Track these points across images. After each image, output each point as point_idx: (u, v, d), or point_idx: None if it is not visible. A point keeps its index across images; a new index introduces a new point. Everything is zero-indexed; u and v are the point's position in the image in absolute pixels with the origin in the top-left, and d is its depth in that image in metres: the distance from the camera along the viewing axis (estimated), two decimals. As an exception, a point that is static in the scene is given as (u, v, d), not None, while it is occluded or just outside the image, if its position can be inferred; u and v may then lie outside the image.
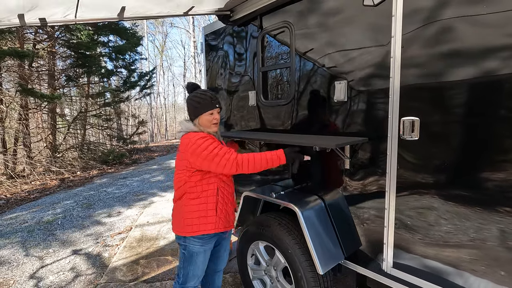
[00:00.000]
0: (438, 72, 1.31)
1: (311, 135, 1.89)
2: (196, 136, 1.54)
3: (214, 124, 1.65)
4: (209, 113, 1.62)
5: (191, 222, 1.62)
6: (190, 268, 1.68)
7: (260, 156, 1.53)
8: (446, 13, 1.26)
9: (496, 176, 1.19)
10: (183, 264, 1.71)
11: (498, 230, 1.20)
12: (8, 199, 5.57)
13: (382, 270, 1.60)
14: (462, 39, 1.23)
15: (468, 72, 1.23)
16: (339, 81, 1.71)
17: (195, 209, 1.61)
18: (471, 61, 1.22)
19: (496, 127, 1.18)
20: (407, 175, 1.45)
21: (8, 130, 7.29)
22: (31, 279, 2.84)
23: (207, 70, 2.90)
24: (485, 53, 1.18)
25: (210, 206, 1.61)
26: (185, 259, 1.69)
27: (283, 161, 1.56)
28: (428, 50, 1.32)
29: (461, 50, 1.24)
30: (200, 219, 1.61)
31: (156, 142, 18.24)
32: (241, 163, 1.50)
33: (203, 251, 1.67)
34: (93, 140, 10.56)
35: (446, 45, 1.28)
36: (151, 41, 24.29)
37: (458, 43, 1.24)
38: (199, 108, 1.62)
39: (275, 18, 2.08)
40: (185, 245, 1.66)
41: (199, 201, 1.60)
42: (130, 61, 10.58)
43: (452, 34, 1.25)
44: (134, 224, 4.18)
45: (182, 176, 1.60)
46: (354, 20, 1.61)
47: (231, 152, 1.52)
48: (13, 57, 6.51)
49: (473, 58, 1.21)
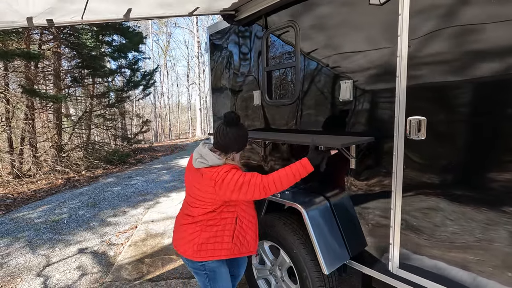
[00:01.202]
0: (445, 71, 1.30)
1: (316, 134, 1.88)
2: (223, 169, 1.48)
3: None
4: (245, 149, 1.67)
5: (206, 247, 1.56)
6: (217, 285, 1.63)
7: (285, 172, 1.46)
8: (454, 11, 1.25)
9: (503, 176, 1.18)
10: (208, 285, 1.63)
11: (505, 231, 1.19)
12: (15, 198, 5.64)
13: (388, 271, 1.59)
14: (469, 38, 1.22)
15: (475, 71, 1.21)
16: (345, 80, 1.70)
17: (212, 235, 1.56)
18: (478, 59, 1.20)
19: (503, 126, 1.17)
20: (413, 175, 1.44)
21: (14, 130, 7.38)
22: (37, 277, 2.87)
23: (211, 70, 2.91)
24: (493, 52, 1.16)
25: (227, 233, 1.57)
26: (210, 279, 1.62)
27: (310, 169, 1.47)
28: (435, 49, 1.31)
29: (468, 49, 1.23)
30: (216, 245, 1.56)
31: (160, 142, 18.33)
32: (268, 185, 1.44)
33: (222, 263, 1.64)
34: (98, 139, 10.63)
35: (453, 44, 1.26)
36: (155, 41, 24.42)
37: (465, 42, 1.23)
38: (243, 146, 1.62)
39: (280, 18, 2.08)
40: (203, 266, 1.60)
41: (217, 228, 1.57)
42: (133, 61, 10.64)
43: (460, 33, 1.24)
44: (139, 223, 4.20)
45: (207, 207, 1.55)
46: (360, 19, 1.60)
47: (256, 176, 1.46)
48: (22, 58, 6.57)
49: (481, 56, 1.20)
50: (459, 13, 1.24)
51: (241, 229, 1.62)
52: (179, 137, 23.91)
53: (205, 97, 19.79)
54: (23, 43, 7.13)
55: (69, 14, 1.84)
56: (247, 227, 1.65)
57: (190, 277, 2.74)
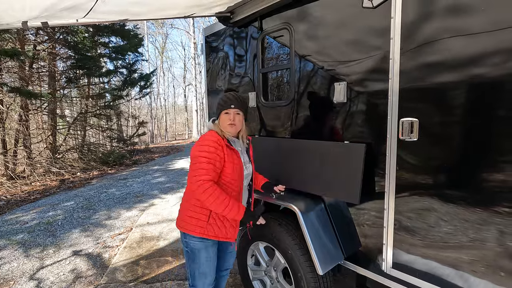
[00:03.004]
0: (437, 73, 1.32)
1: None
2: (204, 141, 1.55)
3: (229, 125, 1.62)
4: (224, 112, 1.63)
5: (181, 218, 1.65)
6: (195, 267, 1.66)
7: (225, 198, 1.47)
8: (445, 14, 1.27)
9: (496, 177, 1.20)
10: (187, 263, 1.69)
11: (497, 231, 1.21)
12: (8, 200, 5.58)
13: (381, 271, 1.60)
14: (461, 41, 1.24)
15: (468, 73, 1.23)
16: (339, 82, 1.72)
17: (190, 208, 1.61)
18: (470, 62, 1.22)
19: (495, 127, 1.19)
20: (407, 176, 1.45)
21: (8, 131, 7.30)
22: (31, 280, 2.84)
23: (207, 71, 2.91)
24: (485, 54, 1.19)
25: (204, 212, 1.59)
26: (188, 256, 1.67)
27: (239, 217, 1.51)
28: (427, 51, 1.33)
29: (460, 51, 1.25)
30: (192, 220, 1.60)
31: (156, 143, 18.24)
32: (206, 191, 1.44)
33: (204, 247, 1.63)
34: (93, 141, 10.56)
35: (445, 46, 1.28)
36: (151, 42, 24.36)
37: (457, 44, 1.25)
38: (219, 108, 1.65)
39: (275, 20, 2.09)
40: (186, 242, 1.64)
41: (195, 202, 1.60)
42: (131, 62, 10.60)
43: (452, 35, 1.26)
44: (135, 225, 4.18)
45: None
46: (353, 21, 1.62)
47: (210, 176, 1.48)
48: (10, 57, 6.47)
49: (473, 58, 1.22)
50: (451, 15, 1.26)
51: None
52: (175, 138, 23.83)
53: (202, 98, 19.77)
54: (18, 44, 7.08)
55: (64, 17, 1.84)
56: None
57: (185, 278, 2.73)
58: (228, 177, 1.59)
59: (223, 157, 1.55)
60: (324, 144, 1.82)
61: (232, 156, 1.59)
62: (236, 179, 1.62)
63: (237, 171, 1.61)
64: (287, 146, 2.08)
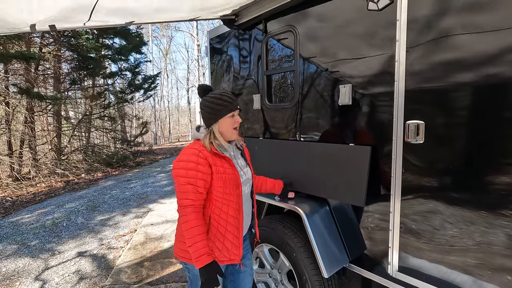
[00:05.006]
0: (443, 76, 1.31)
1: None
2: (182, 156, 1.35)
3: (235, 129, 1.43)
4: (230, 115, 1.40)
5: (178, 244, 1.44)
6: None
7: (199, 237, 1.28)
8: (451, 17, 1.27)
9: (502, 179, 1.19)
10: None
11: (504, 234, 1.20)
12: (14, 201, 5.63)
13: (387, 274, 1.59)
14: (466, 43, 1.24)
15: (473, 75, 1.23)
16: (344, 84, 1.72)
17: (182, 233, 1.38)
18: (476, 63, 1.22)
19: (502, 130, 1.18)
20: (412, 178, 1.45)
21: (14, 133, 7.38)
22: (36, 281, 2.86)
23: (211, 73, 2.92)
24: (491, 56, 1.18)
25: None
26: (191, 282, 1.51)
27: (197, 266, 1.27)
28: (433, 53, 1.33)
29: (465, 53, 1.24)
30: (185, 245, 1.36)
31: (160, 145, 18.32)
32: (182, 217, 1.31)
33: None
34: (98, 142, 10.63)
35: (450, 48, 1.28)
36: (156, 44, 24.51)
37: (462, 46, 1.25)
38: (221, 110, 1.38)
39: (279, 23, 2.10)
40: (188, 269, 1.47)
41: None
42: (135, 64, 10.69)
43: (456, 38, 1.26)
44: (139, 226, 4.19)
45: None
46: (359, 24, 1.62)
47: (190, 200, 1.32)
48: (18, 59, 6.57)
49: (479, 60, 1.21)
50: (457, 16, 1.26)
51: (217, 232, 1.39)
52: (178, 140, 23.90)
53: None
54: (24, 46, 7.16)
55: (72, 22, 1.86)
56: (226, 230, 1.40)
57: (189, 280, 2.73)
58: (219, 192, 1.38)
59: (208, 171, 1.35)
60: (329, 147, 1.81)
61: (222, 166, 1.38)
62: (232, 192, 1.40)
63: (231, 182, 1.40)
64: (291, 149, 2.08)
